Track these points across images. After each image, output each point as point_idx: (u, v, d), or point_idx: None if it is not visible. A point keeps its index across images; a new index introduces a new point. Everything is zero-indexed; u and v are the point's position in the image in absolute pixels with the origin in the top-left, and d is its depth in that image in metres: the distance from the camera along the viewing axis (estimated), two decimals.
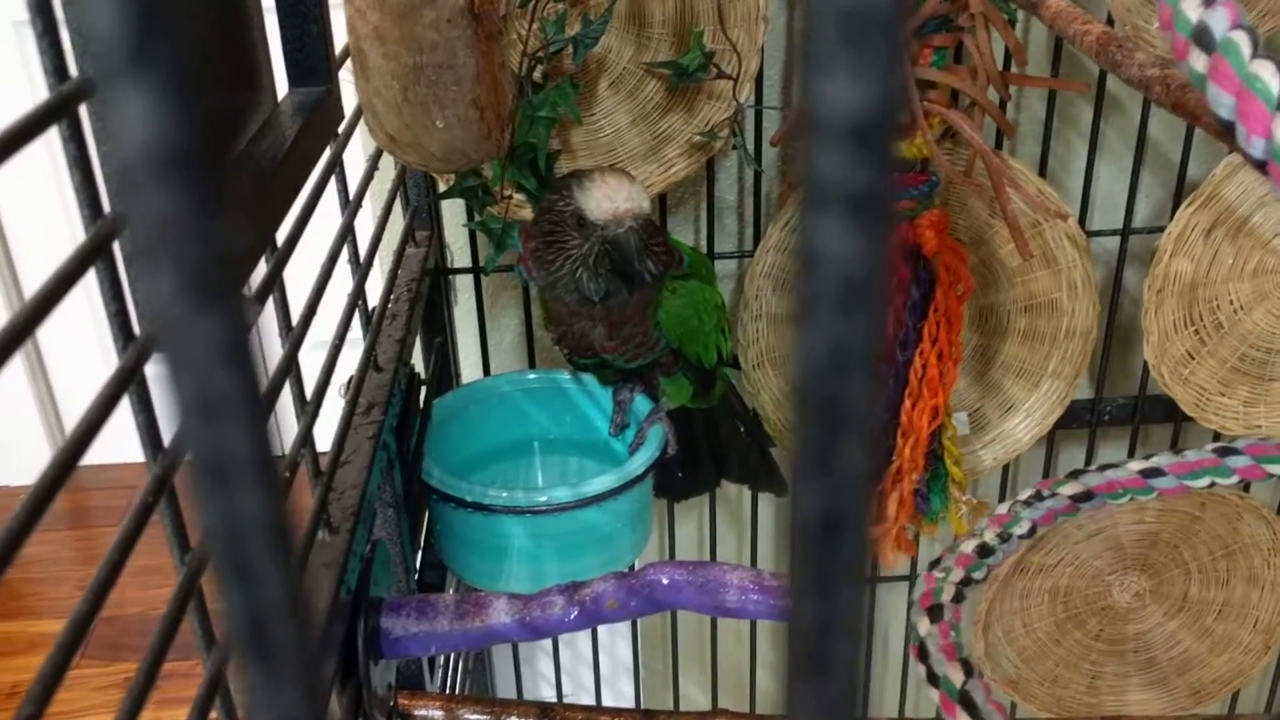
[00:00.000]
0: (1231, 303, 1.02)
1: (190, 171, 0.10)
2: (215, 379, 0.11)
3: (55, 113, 0.32)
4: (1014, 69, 0.92)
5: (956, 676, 0.59)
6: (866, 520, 0.10)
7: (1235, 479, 0.70)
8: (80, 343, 1.94)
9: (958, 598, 0.65)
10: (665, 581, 0.67)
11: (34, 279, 1.84)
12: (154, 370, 0.39)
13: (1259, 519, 1.11)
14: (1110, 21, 0.91)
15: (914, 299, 0.90)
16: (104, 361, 1.96)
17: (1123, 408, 1.12)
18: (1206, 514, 1.11)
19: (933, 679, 0.59)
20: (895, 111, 0.09)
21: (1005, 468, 1.13)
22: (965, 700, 0.58)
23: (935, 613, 0.62)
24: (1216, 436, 1.09)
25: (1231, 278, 1.01)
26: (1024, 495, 0.73)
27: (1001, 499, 1.18)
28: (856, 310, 0.09)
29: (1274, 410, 1.06)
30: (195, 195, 0.10)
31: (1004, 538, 0.71)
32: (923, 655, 0.60)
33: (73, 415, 2.05)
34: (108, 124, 0.10)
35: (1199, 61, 0.45)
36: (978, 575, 0.68)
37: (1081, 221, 1.02)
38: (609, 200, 0.77)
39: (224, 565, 0.12)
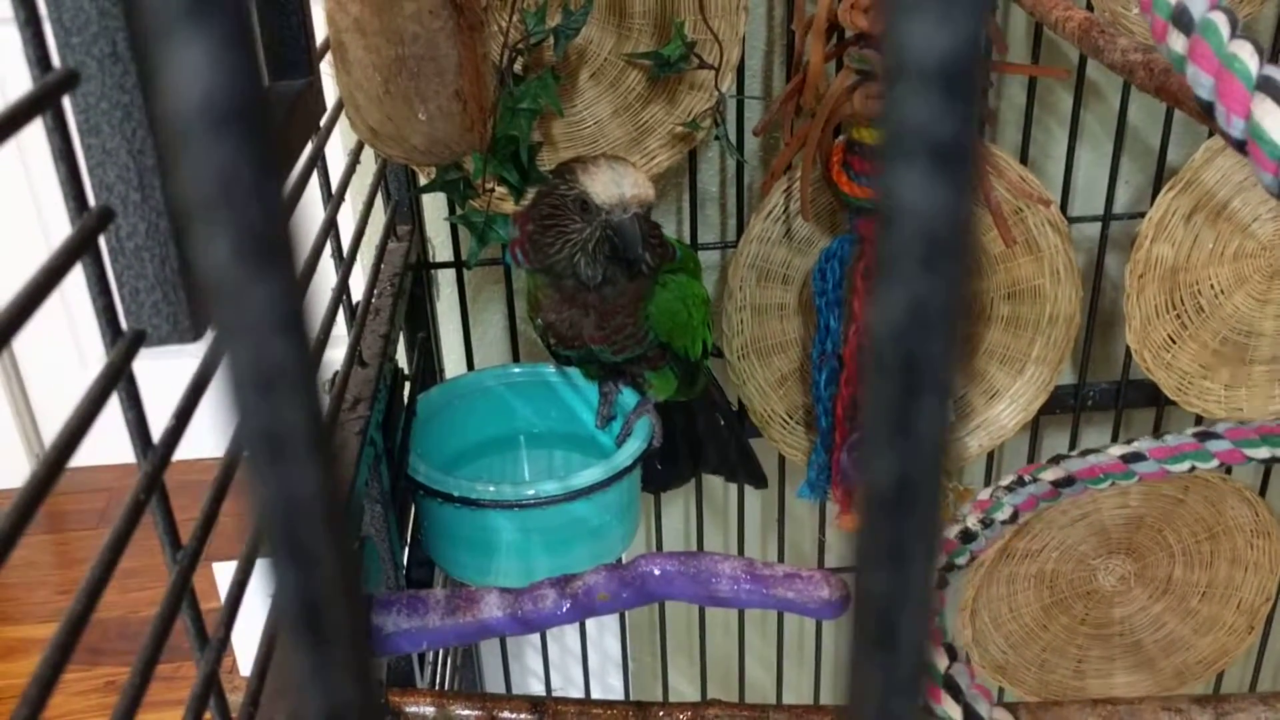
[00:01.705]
0: (1212, 287, 1.02)
1: (251, 124, 0.10)
2: (273, 348, 0.10)
3: (39, 104, 0.31)
4: (995, 56, 0.92)
5: (941, 661, 0.59)
6: (941, 488, 0.10)
7: (1215, 463, 0.71)
8: (55, 342, 1.91)
9: (941, 583, 0.65)
10: (657, 573, 0.67)
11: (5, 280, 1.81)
12: (142, 365, 0.38)
13: (1241, 500, 1.12)
14: (1090, 8, 0.91)
15: None
16: (80, 360, 1.93)
17: (1106, 393, 1.13)
18: (1190, 497, 1.12)
19: None
20: (982, 57, 0.09)
21: (990, 454, 1.13)
22: (950, 685, 0.58)
23: None
24: (1199, 420, 1.10)
25: (1212, 262, 1.01)
26: (1006, 481, 0.74)
27: (987, 485, 1.18)
28: (939, 266, 0.09)
29: (1255, 393, 1.07)
30: (256, 150, 0.10)
31: (986, 523, 0.71)
32: None
33: (48, 417, 2.02)
34: (161, 75, 0.10)
35: (1178, 43, 0.45)
36: (960, 561, 0.68)
37: (1063, 208, 1.02)
38: (616, 186, 0.76)
39: (279, 545, 0.11)
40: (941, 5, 0.08)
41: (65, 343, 1.91)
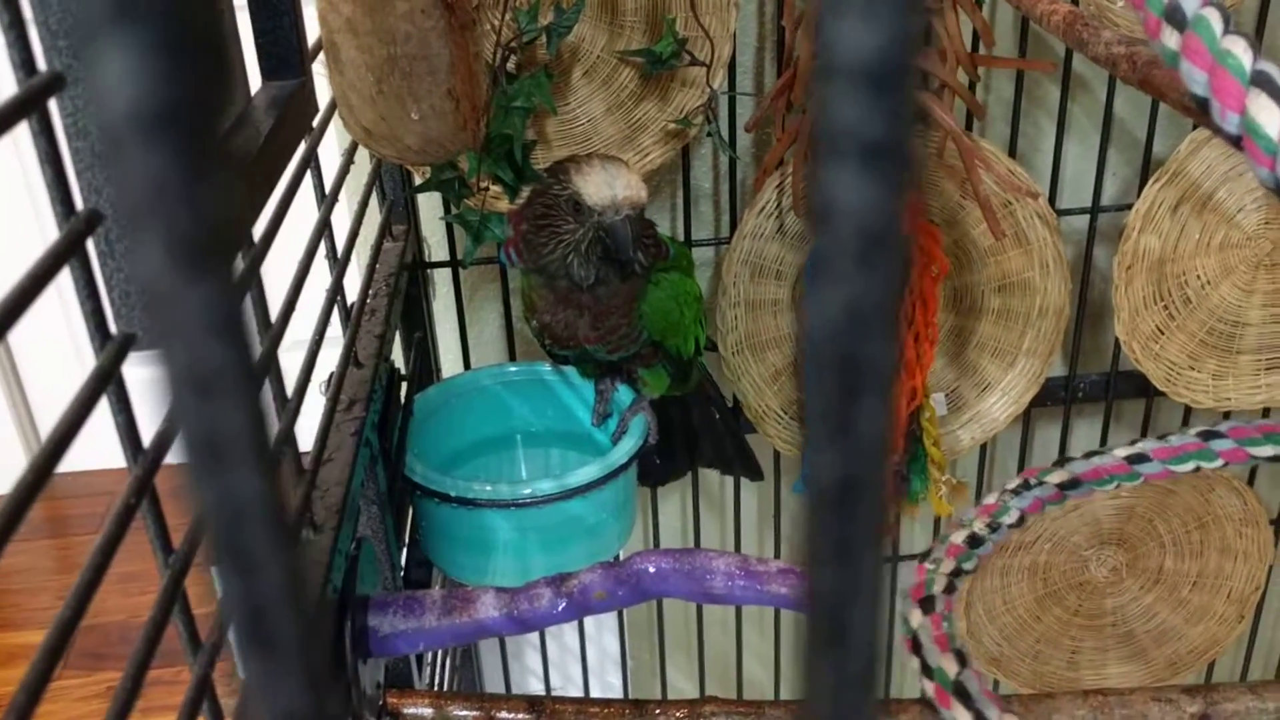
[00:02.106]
0: (1199, 277, 1.03)
1: (180, 129, 0.10)
2: (209, 352, 0.10)
3: (25, 107, 0.31)
4: (982, 50, 0.92)
5: (950, 667, 0.59)
6: (886, 485, 0.10)
7: (1220, 463, 0.71)
8: (53, 346, 1.91)
9: (949, 588, 0.65)
10: (652, 570, 0.67)
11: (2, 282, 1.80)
12: (132, 369, 0.38)
13: (1230, 490, 1.12)
14: (1075, 1, 0.91)
15: None
16: (79, 364, 1.93)
17: (1096, 384, 1.14)
18: (1180, 487, 1.12)
19: (926, 671, 0.59)
20: (913, 54, 0.09)
21: (983, 447, 1.14)
22: (960, 691, 0.59)
23: (927, 604, 0.62)
24: (1187, 410, 1.10)
25: (1198, 253, 1.02)
26: (1012, 484, 0.74)
27: (980, 478, 1.19)
28: (874, 264, 0.09)
29: (1242, 383, 1.08)
30: (185, 155, 0.10)
31: (993, 527, 0.71)
32: (916, 648, 0.60)
33: (47, 420, 2.02)
34: (90, 82, 0.10)
35: (1171, 39, 0.45)
36: (968, 566, 0.68)
37: (1051, 201, 1.03)
38: (608, 187, 0.77)
39: (221, 551, 0.12)
40: (866, 4, 0.09)
41: (64, 346, 1.91)
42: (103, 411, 0.38)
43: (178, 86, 0.10)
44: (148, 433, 0.39)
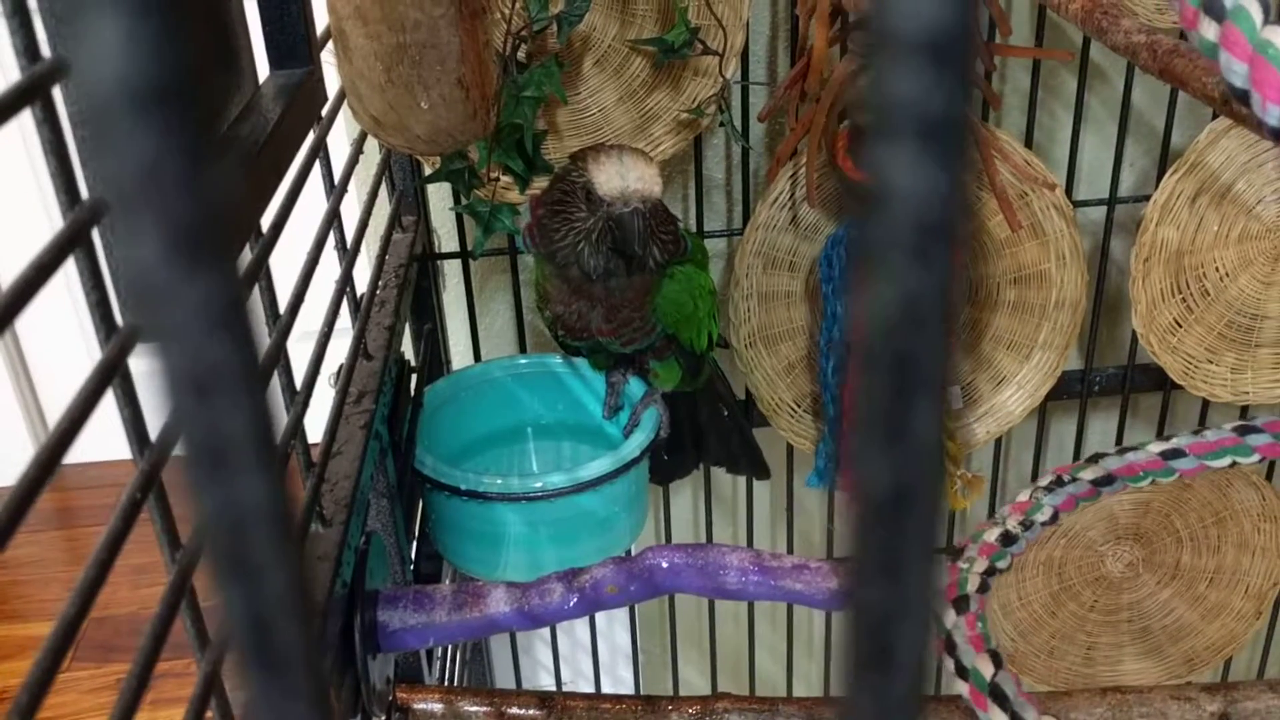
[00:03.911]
0: (1217, 269, 1.02)
1: (174, 108, 0.09)
2: (208, 350, 0.10)
3: (28, 94, 0.31)
4: (998, 39, 0.91)
5: (986, 669, 0.58)
6: (939, 493, 0.09)
7: (1256, 457, 0.69)
8: (63, 339, 1.91)
9: (982, 588, 0.64)
10: (665, 565, 0.67)
11: (11, 273, 1.80)
12: (138, 362, 0.37)
13: (1248, 485, 1.11)
14: None
15: None
16: (88, 358, 1.93)
17: (1112, 377, 1.13)
18: (1197, 482, 1.11)
19: (961, 671, 0.58)
20: (975, 22, 0.08)
21: (998, 441, 1.13)
22: (995, 692, 0.58)
23: (960, 604, 0.61)
24: (1205, 404, 1.09)
25: (1217, 245, 1.00)
26: (1044, 481, 0.73)
27: (995, 472, 1.18)
28: (932, 255, 0.08)
29: (1261, 376, 1.06)
30: (181, 136, 0.09)
31: (1027, 525, 0.70)
32: (949, 648, 0.59)
33: (56, 413, 2.02)
34: (77, 54, 0.09)
35: (1209, 30, 0.44)
36: (1001, 564, 0.68)
37: (1068, 192, 1.01)
38: (619, 178, 0.76)
39: (223, 560, 0.11)
40: None
41: (73, 339, 1.92)
42: (112, 403, 0.37)
43: (172, 59, 0.09)
44: (155, 426, 0.38)
